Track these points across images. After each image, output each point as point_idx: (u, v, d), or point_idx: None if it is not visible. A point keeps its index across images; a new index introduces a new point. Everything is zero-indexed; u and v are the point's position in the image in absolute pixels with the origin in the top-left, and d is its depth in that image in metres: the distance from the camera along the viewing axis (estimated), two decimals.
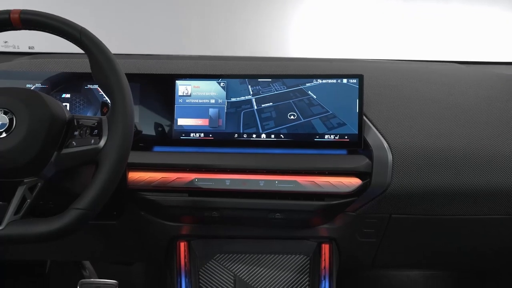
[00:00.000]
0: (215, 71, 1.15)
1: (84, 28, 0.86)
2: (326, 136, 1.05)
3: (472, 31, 1.41)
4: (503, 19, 1.42)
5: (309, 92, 1.07)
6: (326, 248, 1.19)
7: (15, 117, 0.79)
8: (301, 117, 1.06)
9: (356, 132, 1.05)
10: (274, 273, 1.17)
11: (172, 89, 1.09)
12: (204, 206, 1.09)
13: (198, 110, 1.08)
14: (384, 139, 1.04)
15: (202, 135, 1.08)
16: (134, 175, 1.05)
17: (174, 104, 1.08)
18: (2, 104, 0.80)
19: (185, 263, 1.17)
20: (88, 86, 1.09)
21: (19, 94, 0.83)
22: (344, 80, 1.06)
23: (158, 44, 1.42)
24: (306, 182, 1.04)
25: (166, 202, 1.08)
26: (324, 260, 1.18)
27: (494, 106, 1.12)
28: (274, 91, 1.07)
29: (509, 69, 1.40)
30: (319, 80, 1.07)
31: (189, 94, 1.09)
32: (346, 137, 1.05)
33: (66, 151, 0.82)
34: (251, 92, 1.08)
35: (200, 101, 1.08)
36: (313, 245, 1.19)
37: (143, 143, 1.07)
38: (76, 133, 0.84)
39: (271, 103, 1.07)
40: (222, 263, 1.18)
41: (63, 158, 0.82)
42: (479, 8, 1.40)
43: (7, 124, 0.79)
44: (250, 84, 1.08)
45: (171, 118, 1.08)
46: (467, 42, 1.42)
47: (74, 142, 0.83)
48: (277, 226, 1.15)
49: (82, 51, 0.87)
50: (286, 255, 1.19)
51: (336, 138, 1.05)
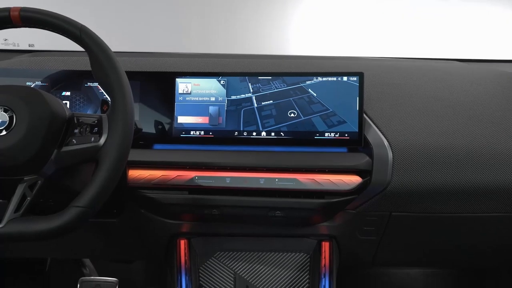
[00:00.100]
0: (215, 69, 1.15)
1: (84, 26, 0.86)
2: (326, 134, 1.05)
3: (474, 29, 1.41)
4: (504, 17, 1.42)
5: (309, 90, 1.07)
6: (326, 246, 1.19)
7: (15, 115, 0.79)
8: (301, 115, 1.06)
9: (356, 130, 1.05)
10: (274, 271, 1.17)
11: (172, 87, 1.09)
12: (204, 204, 1.09)
13: (198, 108, 1.08)
14: (385, 137, 1.04)
15: (202, 133, 1.08)
16: (134, 173, 1.05)
17: (174, 102, 1.08)
18: (2, 102, 0.80)
19: (185, 261, 1.17)
20: (88, 84, 1.09)
21: (19, 92, 0.83)
22: (345, 78, 1.06)
23: (158, 42, 1.42)
24: (306, 180, 1.04)
25: (166, 200, 1.08)
26: (324, 258, 1.18)
27: (495, 104, 1.12)
28: (274, 89, 1.07)
29: (510, 67, 1.40)
30: (319, 78, 1.07)
31: (189, 92, 1.09)
32: (346, 135, 1.05)
33: (66, 149, 0.82)
34: (251, 90, 1.08)
35: (200, 99, 1.08)
36: (313, 243, 1.19)
37: (143, 141, 1.07)
38: (76, 131, 0.83)
39: (271, 101, 1.07)
40: (222, 261, 1.18)
41: (63, 156, 0.82)
42: (481, 6, 1.40)
43: (7, 122, 0.79)
44: (250, 82, 1.08)
45: (171, 116, 1.08)
46: (468, 40, 1.42)
47: (74, 140, 0.83)
48: (277, 224, 1.15)
49: (82, 49, 0.87)
50: (286, 253, 1.19)
51: (336, 136, 1.05)
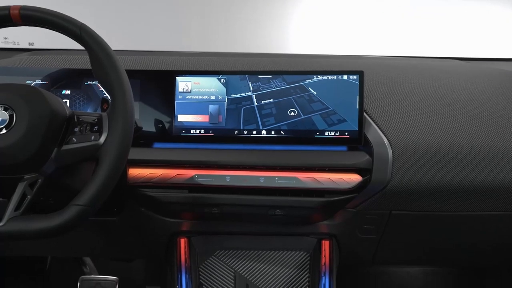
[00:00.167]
0: (215, 67, 1.14)
1: (84, 24, 0.86)
2: (327, 133, 1.05)
3: (473, 28, 1.41)
4: (504, 16, 1.41)
5: (309, 88, 1.07)
6: (326, 244, 1.19)
7: (15, 113, 0.79)
8: (301, 113, 1.06)
9: (356, 128, 1.05)
10: (274, 269, 1.17)
11: (172, 85, 1.09)
12: (204, 203, 1.09)
13: (198, 107, 1.08)
14: (385, 135, 1.04)
15: (202, 131, 1.08)
16: (134, 172, 1.05)
17: (174, 100, 1.08)
18: (2, 101, 0.80)
19: (185, 259, 1.17)
20: (88, 82, 1.09)
21: (19, 90, 0.83)
22: (345, 77, 1.06)
23: (158, 41, 1.42)
24: (306, 179, 1.04)
25: (166, 198, 1.08)
26: (324, 256, 1.18)
27: (495, 102, 1.12)
28: (275, 88, 1.07)
29: (509, 65, 1.40)
30: (319, 76, 1.07)
31: (189, 91, 1.09)
32: (347, 133, 1.05)
33: (66, 147, 0.82)
34: (251, 89, 1.08)
35: (200, 97, 1.08)
36: (313, 241, 1.20)
37: (143, 139, 1.06)
38: (76, 129, 0.83)
39: (272, 100, 1.07)
40: (222, 259, 1.18)
41: (63, 155, 0.82)
42: (481, 5, 1.40)
43: (7, 120, 0.79)
44: (250, 80, 1.08)
45: (171, 114, 1.08)
46: (468, 38, 1.42)
47: (74, 139, 0.83)
48: (277, 223, 1.15)
49: (82, 48, 0.87)
50: (286, 252, 1.19)
51: (336, 134, 1.05)
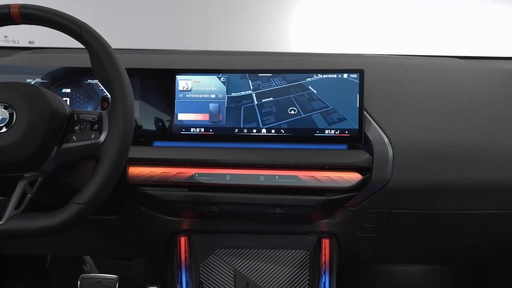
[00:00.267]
0: (216, 66, 1.14)
1: (84, 22, 0.86)
2: (327, 131, 1.05)
3: (474, 27, 1.41)
4: (505, 15, 1.41)
5: (309, 87, 1.07)
6: (326, 243, 1.19)
7: (15, 111, 0.79)
8: (301, 112, 1.06)
9: (356, 127, 1.05)
10: (275, 268, 1.18)
11: (173, 84, 1.08)
12: (205, 201, 1.09)
13: (199, 105, 1.08)
14: (385, 134, 1.04)
15: (203, 130, 1.08)
16: (134, 170, 1.05)
17: (174, 99, 1.08)
18: (2, 99, 0.80)
19: (185, 257, 1.17)
20: (88, 81, 1.09)
21: (19, 89, 0.82)
22: (345, 75, 1.06)
23: (158, 39, 1.41)
24: (306, 177, 1.04)
25: (166, 197, 1.08)
26: (324, 255, 1.18)
27: (495, 101, 1.12)
28: (275, 86, 1.07)
29: (509, 64, 1.40)
30: (319, 75, 1.07)
31: (189, 89, 1.09)
32: (347, 132, 1.05)
33: (66, 146, 0.82)
34: (252, 87, 1.08)
35: (200, 96, 1.08)
36: (313, 240, 1.20)
37: (143, 138, 1.07)
38: (77, 128, 0.83)
39: (272, 98, 1.07)
40: (222, 257, 1.18)
41: (63, 153, 0.82)
42: (481, 4, 1.40)
43: (7, 119, 0.79)
44: (250, 79, 1.08)
45: (172, 113, 1.08)
46: (469, 37, 1.41)
47: (74, 137, 0.83)
48: (277, 221, 1.15)
49: (82, 46, 0.87)
50: (286, 250, 1.19)
51: (336, 133, 1.05)
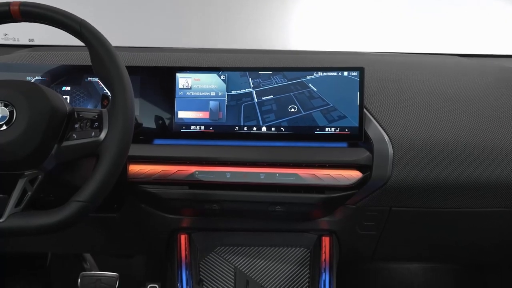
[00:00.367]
0: (216, 63, 1.14)
1: (84, 20, 0.86)
2: (327, 129, 1.05)
3: (474, 24, 1.41)
4: (505, 13, 1.41)
5: (309, 84, 1.07)
6: (326, 240, 1.19)
7: (16, 109, 0.79)
8: (301, 110, 1.06)
9: (356, 125, 1.04)
10: (275, 265, 1.18)
11: (173, 81, 1.08)
12: (205, 199, 1.09)
13: (199, 103, 1.08)
14: (385, 131, 1.04)
15: (203, 128, 1.07)
16: (134, 168, 1.05)
17: (174, 96, 1.08)
18: (2, 97, 0.80)
19: (185, 255, 1.17)
20: (89, 78, 1.09)
21: (19, 86, 0.82)
22: (345, 73, 1.06)
23: (159, 37, 1.41)
24: (306, 175, 1.04)
25: (166, 194, 1.08)
26: (325, 252, 1.18)
27: (495, 99, 1.12)
28: (275, 84, 1.07)
29: (510, 61, 1.39)
30: (319, 72, 1.07)
31: (189, 87, 1.09)
32: (347, 130, 1.05)
33: (66, 143, 0.82)
34: (252, 85, 1.08)
35: (200, 93, 1.08)
36: (313, 237, 1.20)
37: (143, 136, 1.06)
38: (77, 125, 0.83)
39: (272, 96, 1.07)
40: (222, 255, 1.18)
41: (63, 151, 0.82)
42: (482, 1, 1.40)
43: (8, 116, 0.79)
44: (250, 76, 1.08)
45: (172, 111, 1.08)
46: (469, 35, 1.41)
47: (74, 135, 0.83)
48: (277, 219, 1.15)
49: (82, 44, 0.87)
50: (286, 248, 1.19)
51: (336, 131, 1.05)
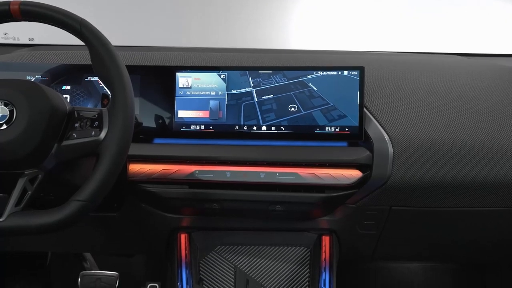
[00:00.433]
0: (216, 63, 1.14)
1: (84, 19, 0.86)
2: (327, 128, 1.05)
3: (474, 24, 1.41)
4: (505, 12, 1.41)
5: (309, 84, 1.07)
6: (326, 240, 1.19)
7: (16, 109, 0.79)
8: (301, 109, 1.06)
9: (356, 124, 1.04)
10: (275, 264, 1.18)
11: (173, 81, 1.08)
12: (205, 198, 1.09)
13: (199, 102, 1.08)
14: (385, 131, 1.04)
15: (203, 127, 1.07)
16: (134, 167, 1.05)
17: (174, 96, 1.08)
18: (2, 96, 0.80)
19: (185, 254, 1.17)
20: (89, 78, 1.09)
21: (19, 86, 0.82)
22: (345, 72, 1.06)
23: (159, 36, 1.41)
24: (306, 174, 1.04)
25: (166, 194, 1.08)
26: (325, 252, 1.18)
27: (496, 98, 1.12)
28: (275, 83, 1.07)
29: (510, 61, 1.39)
30: (319, 72, 1.07)
31: (189, 86, 1.09)
32: (347, 129, 1.05)
33: (66, 143, 0.82)
34: (252, 84, 1.08)
35: (200, 93, 1.08)
36: (313, 237, 1.20)
37: (143, 135, 1.06)
38: (77, 125, 0.83)
39: (272, 95, 1.07)
40: (222, 255, 1.18)
41: (63, 150, 0.82)
42: (482, 1, 1.40)
43: (8, 116, 0.79)
44: (250, 76, 1.08)
45: (172, 110, 1.08)
46: (469, 34, 1.41)
47: (74, 134, 0.83)
48: (277, 218, 1.15)
49: (82, 43, 0.87)
50: (286, 247, 1.19)
51: (336, 130, 1.05)
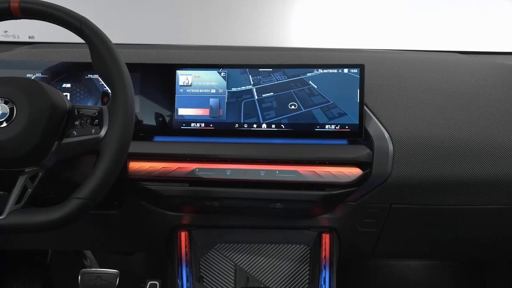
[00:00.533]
0: (216, 60, 1.14)
1: (84, 17, 0.86)
2: (327, 126, 1.05)
3: (475, 22, 1.41)
4: (505, 10, 1.41)
5: (310, 82, 1.06)
6: (326, 238, 1.19)
7: (16, 106, 0.79)
8: (301, 107, 1.06)
9: (357, 122, 1.04)
10: (275, 262, 1.18)
11: (173, 79, 1.08)
12: (205, 196, 1.09)
13: (199, 100, 1.08)
14: (385, 129, 1.04)
15: (203, 125, 1.07)
16: (134, 165, 1.05)
17: (174, 94, 1.08)
18: (2, 94, 0.80)
19: (185, 252, 1.17)
20: (89, 75, 1.09)
21: (19, 83, 0.82)
22: (345, 70, 1.06)
23: (159, 34, 1.41)
24: (306, 172, 1.04)
25: (166, 192, 1.08)
26: (325, 249, 1.18)
27: (496, 96, 1.12)
28: (275, 81, 1.07)
29: (510, 59, 1.39)
30: (320, 70, 1.07)
31: (189, 84, 1.09)
32: (347, 127, 1.05)
33: (66, 140, 0.82)
34: (252, 82, 1.08)
35: (200, 91, 1.08)
36: (313, 235, 1.20)
37: (143, 133, 1.06)
38: (77, 122, 0.83)
39: (272, 93, 1.07)
40: (222, 252, 1.18)
41: (63, 148, 0.82)
42: None
43: (8, 113, 0.79)
44: (250, 74, 1.08)
45: (172, 108, 1.08)
46: (470, 32, 1.41)
47: (74, 132, 0.83)
48: (277, 216, 1.15)
49: (82, 41, 0.87)
50: (286, 245, 1.19)
51: (336, 128, 1.05)
